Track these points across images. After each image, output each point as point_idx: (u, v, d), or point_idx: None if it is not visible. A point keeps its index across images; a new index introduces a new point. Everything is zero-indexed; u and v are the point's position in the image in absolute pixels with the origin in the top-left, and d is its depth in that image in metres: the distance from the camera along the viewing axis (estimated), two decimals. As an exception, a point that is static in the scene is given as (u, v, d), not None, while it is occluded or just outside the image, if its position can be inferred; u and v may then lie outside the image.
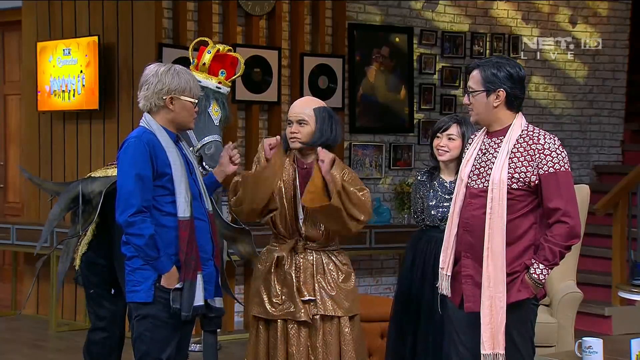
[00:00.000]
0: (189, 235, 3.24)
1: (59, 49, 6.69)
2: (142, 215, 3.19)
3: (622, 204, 6.64)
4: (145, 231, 3.19)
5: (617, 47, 8.36)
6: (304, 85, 6.82)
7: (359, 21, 7.21)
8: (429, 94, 7.54)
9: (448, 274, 3.30)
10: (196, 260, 3.26)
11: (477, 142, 3.33)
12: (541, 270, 3.14)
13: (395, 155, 7.39)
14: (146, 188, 3.21)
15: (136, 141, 3.26)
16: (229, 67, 3.91)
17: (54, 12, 6.92)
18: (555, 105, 8.15)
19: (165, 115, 3.31)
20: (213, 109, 3.84)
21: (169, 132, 3.33)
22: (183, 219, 3.24)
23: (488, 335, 3.16)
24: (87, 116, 6.69)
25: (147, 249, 3.19)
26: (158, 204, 3.25)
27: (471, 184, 3.26)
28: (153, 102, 3.31)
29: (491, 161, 3.21)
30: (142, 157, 3.22)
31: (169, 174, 3.24)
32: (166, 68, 3.34)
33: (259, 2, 6.65)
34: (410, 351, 4.06)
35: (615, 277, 6.56)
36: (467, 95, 3.29)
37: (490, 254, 3.15)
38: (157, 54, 6.17)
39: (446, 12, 7.62)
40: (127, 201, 3.21)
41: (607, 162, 8.37)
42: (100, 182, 3.87)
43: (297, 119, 3.60)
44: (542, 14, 8.04)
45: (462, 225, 3.25)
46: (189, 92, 3.31)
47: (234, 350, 5.82)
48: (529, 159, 3.16)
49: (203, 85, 3.82)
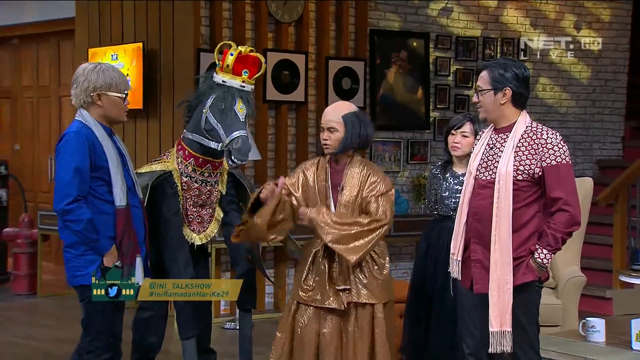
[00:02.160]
0: (125, 222, 3.23)
1: (107, 54, 6.73)
2: (79, 203, 3.17)
3: (622, 195, 6.61)
4: (83, 216, 3.17)
5: (619, 51, 8.29)
6: (329, 87, 6.81)
7: (379, 27, 7.19)
8: (443, 94, 7.49)
9: (458, 259, 3.30)
10: (134, 244, 3.26)
11: (484, 138, 3.32)
12: (545, 255, 3.13)
13: (412, 150, 7.36)
14: (83, 180, 3.20)
15: (75, 135, 3.24)
16: (252, 66, 3.89)
17: (104, 21, 6.97)
18: (560, 104, 8.08)
19: (96, 110, 3.29)
20: (239, 106, 3.84)
21: (104, 127, 3.30)
22: (120, 207, 3.24)
23: (496, 314, 3.15)
24: (132, 115, 6.70)
25: (86, 232, 3.18)
26: (97, 194, 3.24)
27: (479, 176, 3.26)
28: (82, 99, 3.29)
29: (498, 155, 3.21)
30: (81, 150, 3.20)
31: (105, 167, 3.23)
32: (92, 66, 3.31)
33: (287, 10, 6.65)
34: (424, 329, 4.06)
35: (615, 262, 6.54)
36: (477, 94, 3.27)
37: (497, 240, 3.14)
38: (195, 59, 6.19)
39: (460, 18, 7.57)
40: (64, 191, 3.19)
41: (608, 157, 8.30)
42: (147, 177, 3.90)
43: (327, 127, 3.52)
44: (548, 20, 7.97)
45: (472, 214, 3.25)
46: (115, 87, 3.28)
47: (265, 329, 5.83)
48: (533, 152, 3.15)
49: (228, 84, 3.83)
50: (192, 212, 3.96)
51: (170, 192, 3.90)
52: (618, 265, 6.41)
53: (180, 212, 3.93)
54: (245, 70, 3.87)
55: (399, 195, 7.21)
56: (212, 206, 4.03)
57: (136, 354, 4.17)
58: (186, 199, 3.93)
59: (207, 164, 3.93)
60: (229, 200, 4.10)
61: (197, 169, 3.91)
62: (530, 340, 3.23)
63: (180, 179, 3.92)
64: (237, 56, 3.84)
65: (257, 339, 4.52)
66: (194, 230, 3.98)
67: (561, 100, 8.08)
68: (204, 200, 3.98)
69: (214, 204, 4.04)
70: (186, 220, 3.96)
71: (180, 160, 3.93)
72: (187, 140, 3.95)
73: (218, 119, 3.82)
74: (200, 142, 3.90)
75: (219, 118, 3.82)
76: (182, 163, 3.92)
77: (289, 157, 6.73)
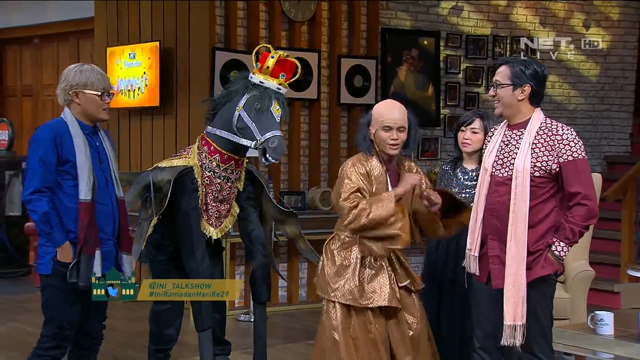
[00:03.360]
0: (89, 216, 3.22)
1: (125, 53, 6.73)
2: (39, 195, 3.20)
3: (631, 191, 6.57)
4: (39, 209, 3.19)
5: (627, 49, 8.21)
6: (341, 84, 6.77)
7: (390, 26, 7.14)
8: (454, 92, 7.44)
9: (476, 255, 3.25)
10: (95, 238, 3.24)
11: (498, 134, 3.27)
12: (562, 248, 3.11)
13: (423, 146, 7.30)
14: (48, 171, 3.21)
15: (43, 128, 3.29)
16: (288, 70, 3.91)
17: (121, 21, 6.97)
18: (569, 101, 8.01)
19: (75, 108, 3.32)
20: (274, 107, 3.84)
21: (82, 124, 3.31)
22: (84, 201, 3.23)
23: (510, 308, 3.12)
24: (149, 112, 6.72)
25: (40, 224, 3.21)
26: (63, 187, 3.25)
27: (495, 173, 3.22)
28: (63, 97, 3.33)
29: (514, 152, 3.17)
30: (46, 143, 3.22)
31: (73, 161, 3.23)
32: (74, 66, 3.35)
33: (300, 9, 6.61)
34: (435, 319, 4.03)
35: (623, 257, 6.49)
36: (494, 87, 3.22)
37: (513, 236, 3.11)
38: (211, 57, 6.17)
39: (470, 17, 7.51)
40: (29, 180, 3.23)
41: (616, 153, 8.22)
42: (168, 172, 3.90)
43: (397, 126, 3.37)
44: (557, 18, 7.90)
45: (489, 211, 3.21)
46: (91, 86, 3.29)
47: (277, 321, 5.84)
48: (550, 149, 3.12)
49: (266, 86, 3.84)
50: (212, 207, 3.95)
51: (191, 187, 3.90)
52: (626, 259, 6.36)
53: (199, 206, 3.93)
54: (282, 74, 3.89)
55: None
56: (230, 202, 4.03)
57: (154, 345, 4.17)
58: (207, 194, 3.93)
59: (231, 161, 3.92)
60: (246, 196, 4.09)
61: (221, 165, 3.91)
62: (544, 331, 3.20)
63: (203, 173, 3.91)
64: (277, 59, 3.84)
65: (270, 331, 4.52)
66: (212, 225, 3.97)
67: (570, 97, 8.01)
68: (224, 196, 3.98)
69: (232, 200, 4.04)
70: (205, 214, 3.95)
71: (205, 155, 3.92)
72: (213, 136, 3.94)
73: (253, 117, 3.81)
74: (230, 138, 3.89)
75: (255, 117, 3.81)
76: (206, 158, 3.92)
77: (302, 154, 6.71)
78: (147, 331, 4.14)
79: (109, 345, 5.09)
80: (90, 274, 3.23)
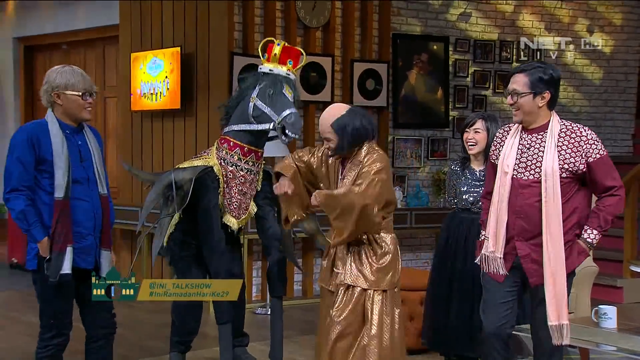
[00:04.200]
0: (59, 213, 3.18)
1: (148, 58, 6.77)
2: (17, 193, 3.18)
3: (633, 190, 6.54)
4: (17, 207, 3.18)
5: (629, 53, 8.17)
6: (354, 87, 6.78)
7: (401, 31, 7.14)
8: (462, 94, 7.43)
9: (500, 256, 3.20)
10: (66, 235, 3.19)
11: (513, 138, 3.22)
12: (595, 235, 3.15)
13: (432, 147, 7.30)
14: (26, 170, 3.19)
15: (20, 130, 3.28)
16: (295, 58, 3.96)
17: (145, 28, 7.01)
18: (574, 103, 7.98)
19: (58, 109, 3.30)
20: (287, 90, 3.88)
21: (64, 124, 3.28)
22: (57, 198, 3.19)
23: (553, 309, 3.13)
24: (170, 115, 6.76)
25: (18, 221, 3.21)
26: (42, 184, 3.23)
27: (519, 176, 3.17)
28: (46, 99, 3.31)
29: (539, 154, 3.14)
30: (23, 143, 3.21)
31: (50, 160, 3.20)
32: (55, 68, 3.33)
33: (315, 15, 6.63)
34: (444, 315, 4.03)
35: (626, 253, 6.46)
36: (512, 96, 3.17)
37: (549, 238, 3.10)
38: (229, 61, 6.20)
39: (478, 23, 7.50)
40: (7, 180, 3.22)
41: (619, 153, 8.17)
42: (189, 171, 3.92)
43: (323, 137, 3.40)
44: (562, 24, 7.86)
45: (514, 213, 3.17)
46: (72, 87, 3.26)
47: (293, 314, 5.85)
48: (575, 150, 3.12)
49: (275, 72, 3.88)
50: (236, 199, 3.99)
51: (211, 185, 3.93)
52: (629, 255, 6.33)
53: (218, 204, 3.95)
54: (290, 60, 3.93)
55: (420, 189, 7.17)
56: (251, 197, 4.05)
57: (176, 337, 4.21)
58: (231, 187, 3.96)
59: (251, 152, 3.96)
60: (263, 195, 4.12)
61: (242, 157, 3.95)
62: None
63: (226, 169, 3.94)
64: (282, 47, 3.90)
65: (286, 324, 4.53)
66: (235, 216, 4.00)
67: (574, 99, 7.98)
68: (247, 189, 4.00)
69: (252, 196, 4.06)
70: (229, 207, 3.98)
71: (226, 152, 3.96)
72: (231, 132, 3.98)
73: (267, 102, 3.85)
74: (248, 129, 3.92)
75: (269, 102, 3.84)
76: (227, 154, 3.95)
77: (317, 154, 6.71)
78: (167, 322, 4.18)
79: (135, 336, 5.16)
80: (59, 270, 3.17)
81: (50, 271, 3.18)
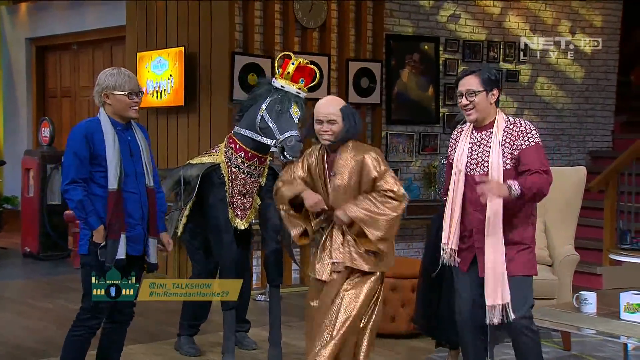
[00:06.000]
0: (114, 203, 3.23)
1: (153, 57, 6.74)
2: (75, 185, 3.23)
3: (612, 183, 6.55)
4: (75, 197, 3.23)
5: (609, 53, 8.16)
6: (349, 86, 6.76)
7: (394, 32, 7.12)
8: (452, 92, 7.39)
9: (454, 249, 3.24)
10: (120, 224, 3.25)
11: (465, 138, 3.25)
12: (517, 188, 3.03)
13: (423, 142, 7.29)
14: (82, 164, 3.24)
15: (76, 127, 3.33)
16: (307, 76, 3.94)
17: (150, 28, 6.98)
18: (557, 101, 7.97)
19: (108, 108, 3.34)
20: (294, 110, 3.86)
21: (115, 122, 3.33)
22: (111, 190, 3.24)
23: (491, 289, 3.12)
24: (174, 111, 6.74)
25: (76, 210, 3.25)
26: (95, 178, 3.27)
27: (471, 172, 3.20)
28: (97, 99, 3.36)
29: (486, 150, 3.17)
30: (78, 139, 3.26)
31: (103, 155, 3.25)
32: (105, 71, 3.38)
33: (312, 17, 6.60)
34: (435, 301, 4.03)
35: (606, 242, 6.48)
36: (466, 97, 3.18)
37: (491, 224, 3.11)
38: (230, 61, 6.18)
39: (467, 24, 7.48)
40: (65, 173, 3.27)
41: (600, 148, 8.20)
42: (197, 168, 3.96)
43: (327, 119, 3.26)
44: (546, 25, 7.85)
45: (472, 207, 3.19)
46: (119, 88, 3.31)
47: (291, 301, 5.84)
48: (514, 140, 3.14)
49: (286, 90, 3.87)
50: (237, 200, 3.99)
51: (218, 181, 3.96)
52: (608, 244, 6.34)
53: (226, 199, 3.96)
54: (302, 79, 3.90)
55: (412, 182, 7.16)
56: (252, 196, 4.07)
57: (186, 321, 4.29)
58: (232, 188, 3.96)
59: (254, 158, 3.97)
60: (266, 189, 4.13)
61: (246, 161, 3.95)
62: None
63: (230, 169, 3.94)
64: (297, 66, 3.86)
65: (285, 310, 4.53)
66: (239, 217, 4.01)
67: (557, 97, 7.97)
68: (247, 190, 4.00)
69: (254, 194, 4.07)
70: (231, 207, 3.98)
71: (231, 153, 3.96)
72: (239, 135, 3.98)
73: (274, 118, 3.84)
74: (254, 137, 3.93)
75: (275, 118, 3.84)
76: (232, 155, 3.96)
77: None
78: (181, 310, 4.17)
79: (146, 322, 5.14)
80: (114, 256, 3.23)
81: (106, 257, 3.23)
